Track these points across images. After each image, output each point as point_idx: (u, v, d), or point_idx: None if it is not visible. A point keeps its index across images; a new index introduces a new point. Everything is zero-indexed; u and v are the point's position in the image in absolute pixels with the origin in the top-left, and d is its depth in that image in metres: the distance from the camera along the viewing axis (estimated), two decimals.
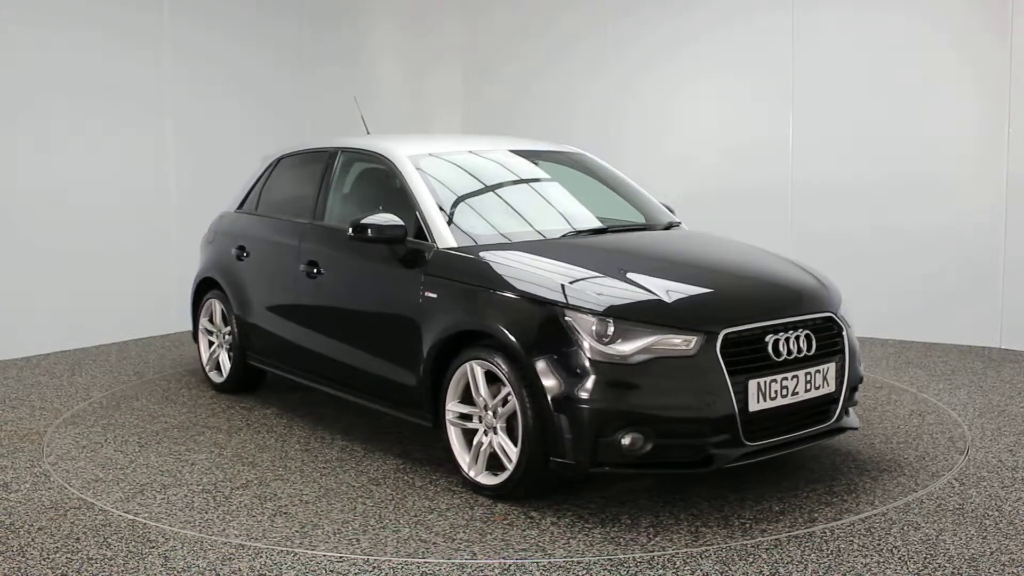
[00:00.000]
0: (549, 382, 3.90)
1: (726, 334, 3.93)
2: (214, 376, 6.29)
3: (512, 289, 4.19)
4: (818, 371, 4.17)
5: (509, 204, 5.13)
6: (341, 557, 3.64)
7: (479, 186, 5.19)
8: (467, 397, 4.35)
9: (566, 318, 3.95)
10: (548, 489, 4.20)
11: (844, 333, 4.34)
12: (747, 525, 3.90)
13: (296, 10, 9.38)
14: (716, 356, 3.88)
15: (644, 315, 3.94)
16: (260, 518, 4.03)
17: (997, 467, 4.56)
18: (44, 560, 3.64)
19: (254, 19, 8.95)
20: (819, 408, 4.22)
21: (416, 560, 3.60)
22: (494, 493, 4.21)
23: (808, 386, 4.12)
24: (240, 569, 3.54)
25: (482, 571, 3.51)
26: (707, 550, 3.66)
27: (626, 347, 3.85)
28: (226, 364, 6.17)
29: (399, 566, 3.56)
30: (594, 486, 4.34)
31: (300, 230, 5.51)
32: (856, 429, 4.60)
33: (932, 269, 7.44)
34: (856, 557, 3.58)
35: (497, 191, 5.24)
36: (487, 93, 9.60)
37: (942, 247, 7.40)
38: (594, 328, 3.89)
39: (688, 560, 3.58)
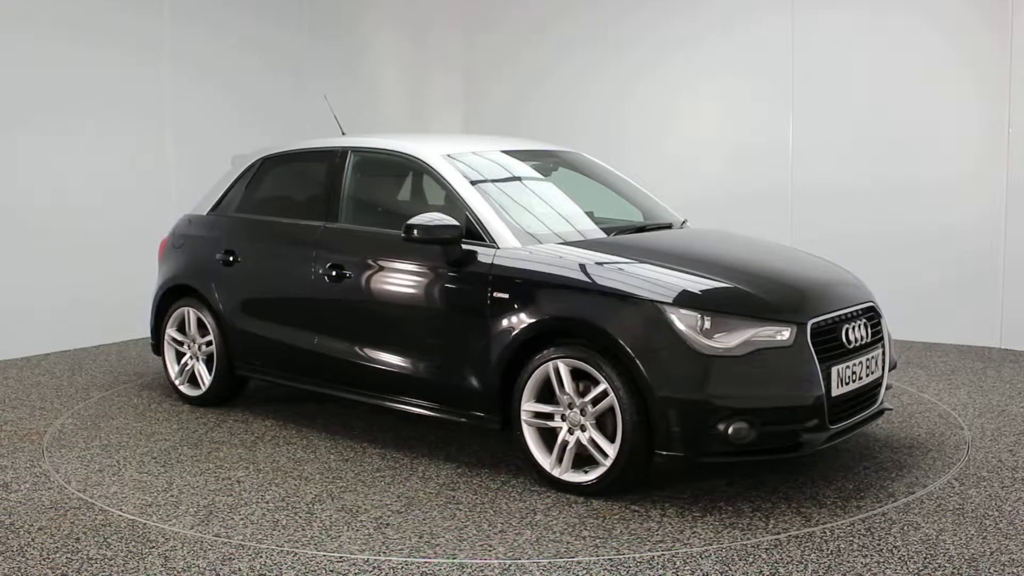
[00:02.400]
0: (656, 377, 3.98)
1: (813, 324, 4.13)
2: (187, 389, 5.89)
3: (603, 287, 4.22)
4: (873, 356, 4.44)
5: (537, 203, 5.06)
6: (341, 557, 3.64)
7: (505, 185, 5.10)
8: (542, 396, 4.34)
9: (668, 314, 4.03)
10: (639, 484, 4.26)
11: (882, 320, 4.63)
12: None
13: (296, 19, 9.39)
14: (808, 345, 4.07)
15: (742, 309, 4.11)
16: (369, 531, 3.89)
17: (997, 467, 4.56)
18: (44, 560, 3.64)
19: (254, 27, 8.97)
20: (871, 391, 4.45)
21: (565, 559, 3.59)
22: (585, 490, 4.21)
23: (868, 371, 4.38)
24: (240, 569, 3.54)
25: (482, 571, 3.51)
26: (707, 550, 3.66)
27: (730, 340, 3.99)
28: (204, 376, 5.79)
29: (399, 566, 3.56)
30: (666, 478, 4.41)
31: (313, 233, 5.27)
32: (891, 410, 5.03)
33: (932, 269, 7.44)
34: (856, 557, 3.58)
35: (520, 190, 5.17)
36: (487, 101, 9.54)
37: (942, 247, 7.40)
38: (698, 323, 4.00)
39: (688, 560, 3.58)
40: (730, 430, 3.92)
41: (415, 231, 4.56)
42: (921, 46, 7.40)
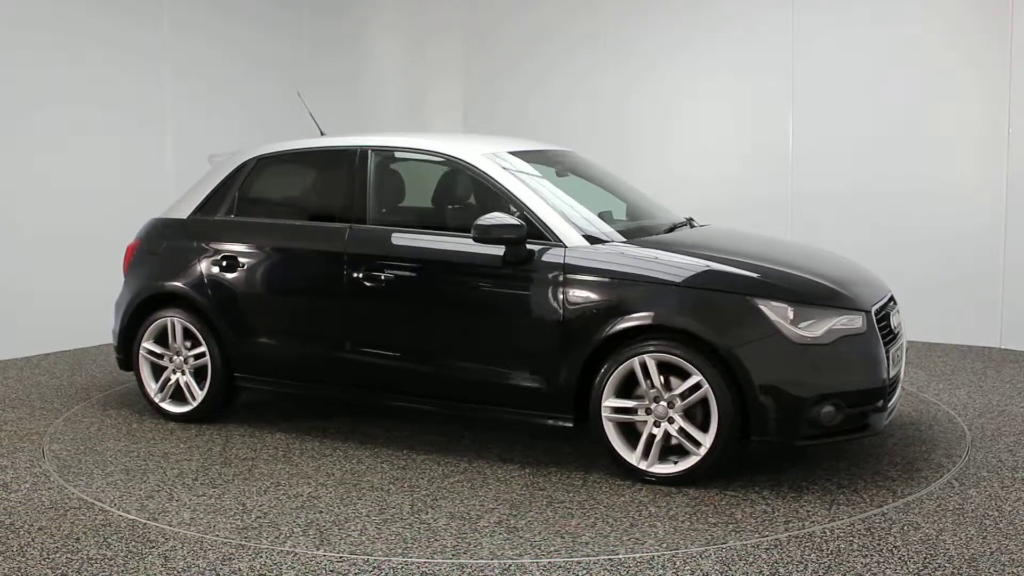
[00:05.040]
0: (754, 367, 4.15)
1: (874, 310, 4.40)
2: (170, 406, 5.47)
3: (692, 284, 4.35)
4: (903, 341, 4.73)
5: (574, 202, 4.96)
6: (341, 557, 3.64)
7: (540, 184, 4.97)
8: (620, 391, 4.40)
9: (760, 306, 4.21)
10: (722, 471, 4.36)
11: (898, 308, 4.87)
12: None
13: (295, 32, 9.40)
14: (875, 331, 4.34)
15: (823, 299, 4.32)
16: (504, 534, 3.83)
17: (997, 467, 4.56)
18: (44, 560, 3.64)
19: (254, 41, 9.00)
20: (898, 374, 4.64)
21: (716, 546, 3.66)
22: (676, 480, 4.31)
23: (903, 354, 4.70)
24: (240, 569, 3.54)
25: (482, 571, 3.51)
26: (707, 550, 3.67)
27: (817, 329, 4.20)
28: (195, 390, 5.38)
29: (399, 566, 3.56)
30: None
31: (340, 235, 5.01)
32: (905, 390, 5.48)
33: (932, 269, 7.43)
34: (856, 557, 3.58)
35: (553, 189, 5.03)
36: (488, 107, 9.51)
37: (942, 247, 7.40)
38: (789, 313, 4.19)
39: (688, 560, 3.58)
40: (821, 414, 4.15)
41: (480, 231, 4.50)
42: (921, 46, 7.40)
